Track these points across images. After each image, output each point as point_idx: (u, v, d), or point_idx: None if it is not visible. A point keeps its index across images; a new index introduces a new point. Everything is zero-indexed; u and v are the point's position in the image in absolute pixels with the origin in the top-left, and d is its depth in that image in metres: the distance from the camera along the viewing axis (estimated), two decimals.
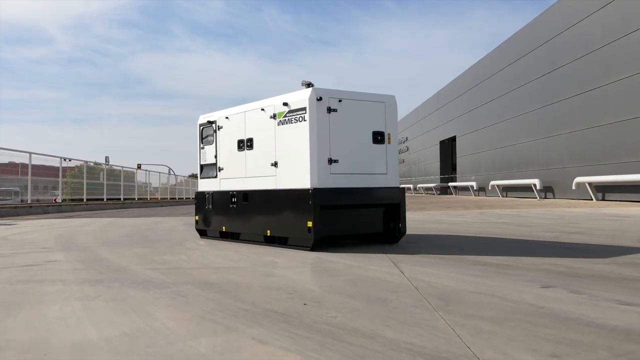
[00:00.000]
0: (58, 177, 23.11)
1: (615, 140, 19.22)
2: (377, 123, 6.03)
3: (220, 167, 7.03)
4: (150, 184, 37.11)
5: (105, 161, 29.52)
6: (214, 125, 7.16)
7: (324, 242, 5.64)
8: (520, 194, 27.36)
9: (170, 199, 40.40)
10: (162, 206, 30.66)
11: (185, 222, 11.49)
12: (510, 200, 24.46)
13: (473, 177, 35.21)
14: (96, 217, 14.94)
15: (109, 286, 3.74)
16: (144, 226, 10.27)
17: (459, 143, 38.87)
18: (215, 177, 7.12)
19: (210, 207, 7.17)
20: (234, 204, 6.71)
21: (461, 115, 37.41)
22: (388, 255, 5.17)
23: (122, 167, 30.60)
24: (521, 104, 27.13)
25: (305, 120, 5.64)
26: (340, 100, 5.75)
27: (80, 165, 25.94)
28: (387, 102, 6.13)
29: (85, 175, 24.95)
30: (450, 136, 40.34)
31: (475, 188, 34.14)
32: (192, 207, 25.90)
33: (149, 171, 37.63)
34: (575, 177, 21.11)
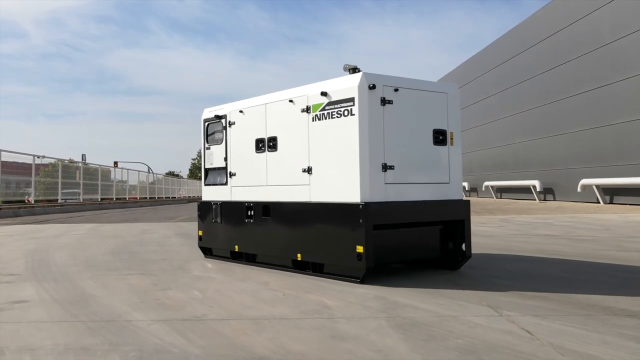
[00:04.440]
0: (30, 175, 21.48)
1: (626, 140, 18.30)
2: (439, 119, 4.79)
3: (232, 172, 5.71)
4: (127, 182, 35.39)
5: (82, 159, 27.83)
6: (223, 120, 5.83)
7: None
8: (517, 196, 26.44)
9: (150, 198, 38.73)
10: (141, 206, 29.09)
11: (175, 231, 10.12)
12: (511, 202, 23.45)
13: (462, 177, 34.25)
14: (73, 223, 13.45)
15: None
16: (130, 237, 8.88)
17: None
18: (225, 184, 5.81)
19: (219, 220, 5.84)
20: (251, 218, 5.40)
21: None
22: (468, 291, 3.94)
23: (100, 165, 28.96)
24: (519, 101, 26.19)
25: (353, 115, 4.37)
26: (396, 90, 4.49)
27: (55, 162, 24.27)
28: (450, 94, 4.89)
29: (60, 174, 23.29)
30: None
31: (467, 189, 33.19)
32: (175, 209, 24.42)
33: (128, 170, 35.95)
34: (581, 179, 20.18)
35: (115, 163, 40.10)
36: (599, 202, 19.26)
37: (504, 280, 4.46)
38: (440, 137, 4.75)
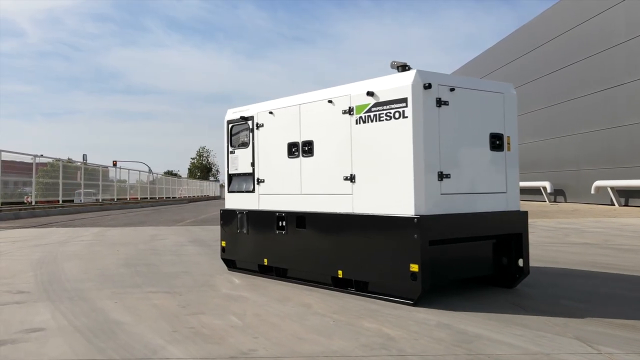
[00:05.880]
0: (28, 175, 20.98)
1: None
2: (495, 122, 4.34)
3: (260, 178, 5.25)
4: (128, 182, 34.85)
5: (83, 159, 27.31)
6: (249, 122, 5.38)
7: None
8: (526, 197, 25.99)
9: (150, 198, 38.21)
10: (142, 207, 28.64)
11: (187, 237, 9.66)
12: (522, 204, 22.92)
13: None
14: (77, 227, 12.97)
15: None
16: (141, 245, 8.41)
17: None
18: (252, 191, 5.34)
19: (245, 231, 5.38)
20: (282, 229, 4.94)
21: None
22: (540, 317, 3.49)
23: (100, 165, 28.45)
24: (527, 102, 25.74)
25: (405, 117, 3.91)
26: (452, 90, 4.04)
27: (53, 162, 23.75)
28: (507, 94, 4.44)
29: (61, 174, 22.77)
30: None
31: None
32: (178, 210, 23.87)
33: (129, 170, 35.41)
34: (595, 181, 19.76)
35: (115, 162, 39.60)
36: (614, 205, 18.85)
37: (572, 301, 4.01)
38: (497, 142, 4.30)
